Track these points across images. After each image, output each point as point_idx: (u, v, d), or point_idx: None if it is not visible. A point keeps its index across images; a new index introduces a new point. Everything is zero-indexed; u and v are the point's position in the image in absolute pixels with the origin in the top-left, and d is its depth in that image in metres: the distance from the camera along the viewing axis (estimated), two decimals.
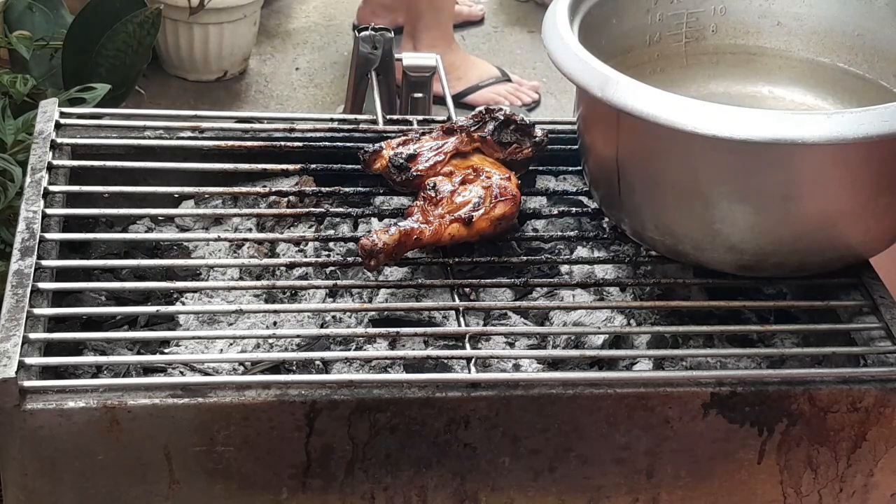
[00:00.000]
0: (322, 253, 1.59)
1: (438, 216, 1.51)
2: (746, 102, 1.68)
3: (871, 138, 1.34)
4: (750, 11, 1.72)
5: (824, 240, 1.47)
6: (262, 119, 1.77)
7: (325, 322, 1.50)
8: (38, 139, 1.62)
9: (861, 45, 1.68)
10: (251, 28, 3.54)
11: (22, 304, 1.36)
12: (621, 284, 1.56)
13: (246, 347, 1.46)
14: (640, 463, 1.42)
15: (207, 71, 3.52)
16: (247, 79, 3.57)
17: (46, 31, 2.51)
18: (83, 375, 1.42)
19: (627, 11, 1.67)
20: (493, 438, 1.38)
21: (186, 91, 3.47)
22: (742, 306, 1.55)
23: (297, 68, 3.62)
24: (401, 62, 2.11)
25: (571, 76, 1.45)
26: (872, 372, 1.43)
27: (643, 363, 1.47)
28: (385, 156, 1.60)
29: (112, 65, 2.42)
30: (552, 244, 1.62)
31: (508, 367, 1.45)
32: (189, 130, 1.68)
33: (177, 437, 1.32)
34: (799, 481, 1.45)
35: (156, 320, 1.50)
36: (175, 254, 1.60)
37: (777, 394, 1.40)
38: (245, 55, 3.58)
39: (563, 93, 3.46)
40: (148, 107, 2.48)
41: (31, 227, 1.47)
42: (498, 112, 1.63)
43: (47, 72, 2.51)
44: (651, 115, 1.37)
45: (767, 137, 1.34)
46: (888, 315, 1.49)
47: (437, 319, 1.51)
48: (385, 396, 1.34)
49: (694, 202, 1.45)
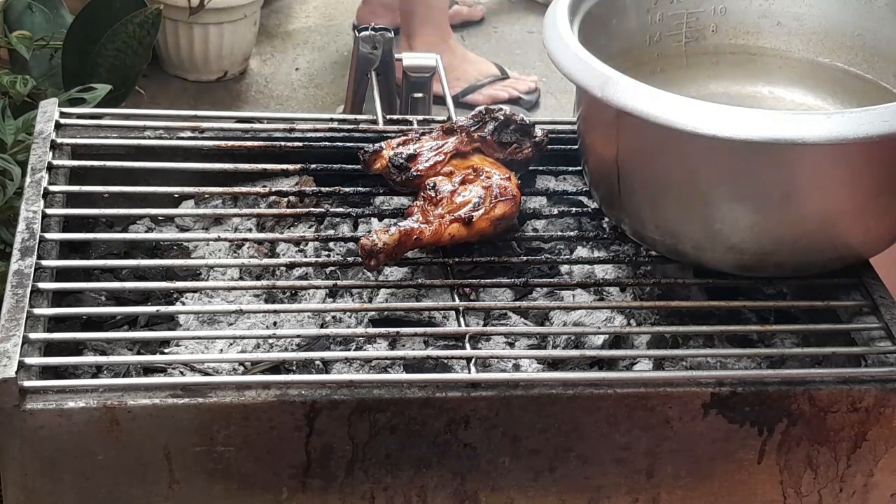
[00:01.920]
0: (322, 253, 1.59)
1: (438, 216, 1.51)
2: (746, 102, 1.68)
3: (871, 138, 1.34)
4: (750, 11, 1.72)
5: (824, 240, 1.47)
6: (262, 119, 1.77)
7: (325, 322, 1.50)
8: (38, 139, 1.62)
9: (861, 45, 1.68)
10: (251, 28, 3.54)
11: (22, 304, 1.36)
12: (621, 284, 1.56)
13: (246, 347, 1.46)
14: (640, 463, 1.42)
15: (207, 71, 3.52)
16: (247, 79, 3.57)
17: (46, 31, 2.51)
18: (83, 375, 1.42)
19: (627, 11, 1.67)
20: (493, 438, 1.38)
21: (186, 91, 3.47)
22: (742, 306, 1.55)
23: (297, 68, 3.62)
24: (401, 62, 2.11)
25: (571, 76, 1.45)
26: (872, 372, 1.43)
27: (643, 363, 1.47)
28: (385, 156, 1.60)
29: (112, 65, 2.41)
30: (552, 244, 1.62)
31: (508, 367, 1.45)
32: (189, 130, 1.68)
33: (177, 437, 1.32)
34: (799, 481, 1.45)
35: (156, 320, 1.50)
36: (175, 254, 1.60)
37: (777, 394, 1.40)
38: (245, 55, 3.58)
39: (563, 93, 3.46)
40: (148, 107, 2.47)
41: (31, 227, 1.47)
42: (498, 112, 1.63)
43: (47, 72, 2.51)
44: (651, 115, 1.37)
45: (767, 137, 1.34)
46: (888, 315, 1.49)
47: (437, 319, 1.51)
48: (385, 396, 1.34)
49: (694, 202, 1.45)
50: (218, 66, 3.52)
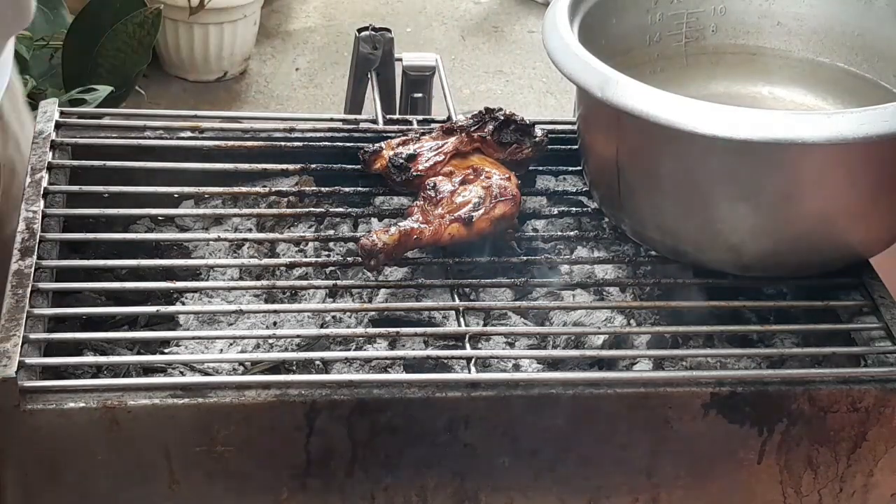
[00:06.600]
0: (322, 253, 1.59)
1: (438, 216, 1.51)
2: (746, 102, 1.68)
3: (871, 138, 1.34)
4: (750, 11, 1.72)
5: (824, 240, 1.47)
6: (262, 119, 1.77)
7: (325, 322, 1.50)
8: (38, 139, 1.62)
9: (861, 45, 1.68)
10: (251, 28, 3.55)
11: (22, 304, 1.36)
12: (621, 284, 1.56)
13: (246, 347, 1.46)
14: (640, 463, 1.42)
15: (207, 71, 3.53)
16: (247, 79, 3.57)
17: (46, 31, 2.51)
18: (83, 375, 1.42)
19: (627, 11, 1.67)
20: (493, 438, 1.38)
21: (186, 91, 3.48)
22: (742, 306, 1.55)
23: (297, 68, 3.63)
24: (401, 62, 2.11)
25: (571, 76, 1.45)
26: (872, 372, 1.43)
27: (643, 363, 1.47)
28: (385, 156, 1.60)
29: (112, 65, 2.42)
30: (552, 244, 1.62)
31: (508, 367, 1.45)
32: (189, 130, 1.68)
33: (177, 437, 1.32)
34: (799, 481, 1.45)
35: (156, 320, 1.50)
36: (175, 254, 1.60)
37: (777, 394, 1.40)
38: (245, 55, 3.58)
39: (563, 93, 3.46)
40: (148, 107, 2.48)
41: (31, 227, 1.47)
42: (498, 112, 1.63)
43: (47, 72, 2.52)
44: (651, 115, 1.37)
45: (767, 137, 1.34)
46: (888, 315, 1.49)
47: (437, 319, 1.51)
48: (385, 396, 1.34)
49: (694, 202, 1.45)
50: (218, 67, 3.53)
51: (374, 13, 4.13)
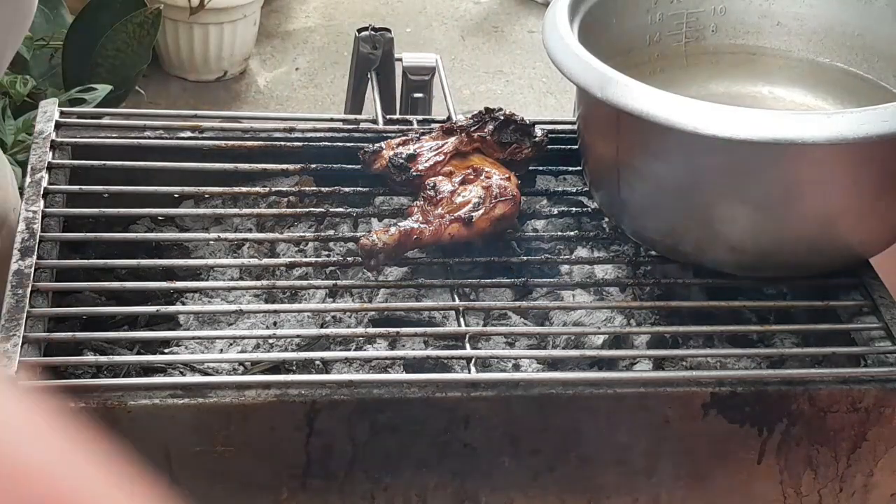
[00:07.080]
0: (322, 253, 1.59)
1: (438, 216, 1.51)
2: (746, 102, 1.68)
3: (871, 138, 1.34)
4: (750, 11, 1.72)
5: (824, 240, 1.47)
6: (261, 119, 1.77)
7: (325, 322, 1.50)
8: (38, 139, 1.62)
9: (861, 45, 1.67)
10: (251, 28, 3.55)
11: (22, 304, 1.36)
12: (621, 284, 1.56)
13: (246, 347, 1.46)
14: (640, 463, 1.42)
15: (207, 71, 3.53)
16: (247, 79, 3.57)
17: (46, 31, 2.51)
18: (83, 375, 1.41)
19: (627, 11, 1.67)
20: (493, 438, 1.38)
21: (186, 91, 3.48)
22: (742, 306, 1.55)
23: (297, 68, 3.63)
24: (401, 62, 2.11)
25: (571, 76, 1.45)
26: (872, 372, 1.43)
27: (643, 363, 1.47)
28: (385, 156, 1.60)
29: (112, 65, 2.42)
30: (552, 244, 1.62)
31: (508, 367, 1.45)
32: (189, 130, 1.68)
33: (177, 437, 1.32)
34: (799, 481, 1.45)
35: (156, 320, 1.50)
36: (175, 254, 1.60)
37: (777, 394, 1.40)
38: (245, 55, 3.58)
39: (563, 93, 3.46)
40: (148, 107, 2.48)
41: (31, 226, 1.47)
42: (498, 112, 1.63)
43: (47, 72, 2.51)
44: (651, 115, 1.37)
45: (767, 137, 1.34)
46: (888, 315, 1.49)
47: (437, 319, 1.51)
48: (385, 396, 1.34)
49: (694, 202, 1.45)
50: (218, 66, 3.52)
51: (374, 13, 4.14)
